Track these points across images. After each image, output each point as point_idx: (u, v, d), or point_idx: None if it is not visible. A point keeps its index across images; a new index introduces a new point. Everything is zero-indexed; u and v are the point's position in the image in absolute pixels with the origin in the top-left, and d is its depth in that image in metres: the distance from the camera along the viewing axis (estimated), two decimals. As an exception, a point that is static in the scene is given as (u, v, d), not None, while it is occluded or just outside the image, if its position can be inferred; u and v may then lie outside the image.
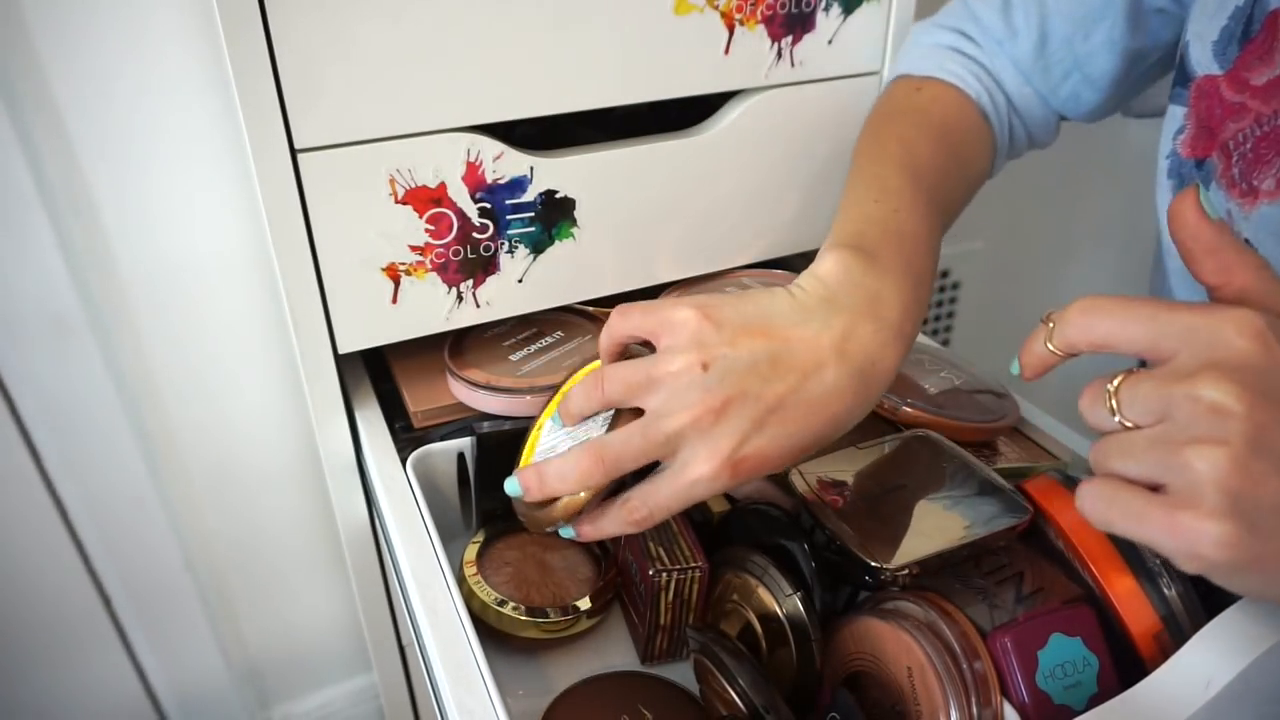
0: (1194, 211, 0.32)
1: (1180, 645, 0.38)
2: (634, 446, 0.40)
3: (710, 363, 0.39)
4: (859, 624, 0.44)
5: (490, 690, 0.41)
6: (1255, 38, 0.40)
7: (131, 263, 0.73)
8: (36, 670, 0.85)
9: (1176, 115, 0.46)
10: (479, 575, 0.54)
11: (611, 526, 0.43)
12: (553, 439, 0.47)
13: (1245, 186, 0.41)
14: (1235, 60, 0.42)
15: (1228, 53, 0.42)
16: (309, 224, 0.53)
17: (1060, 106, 0.58)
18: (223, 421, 0.83)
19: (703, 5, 0.58)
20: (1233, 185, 0.42)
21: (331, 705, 1.04)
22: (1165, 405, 0.28)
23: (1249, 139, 0.41)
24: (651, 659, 0.53)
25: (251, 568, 0.92)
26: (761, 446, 0.39)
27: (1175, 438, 0.28)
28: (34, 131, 0.65)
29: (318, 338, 0.57)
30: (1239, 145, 0.41)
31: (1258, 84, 0.40)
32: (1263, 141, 0.40)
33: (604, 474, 0.41)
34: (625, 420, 0.42)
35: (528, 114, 0.56)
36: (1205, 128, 0.44)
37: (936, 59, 0.58)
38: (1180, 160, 0.46)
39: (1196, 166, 0.45)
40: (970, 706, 0.39)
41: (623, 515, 0.42)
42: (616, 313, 0.43)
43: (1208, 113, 0.43)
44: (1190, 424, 0.28)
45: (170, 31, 0.65)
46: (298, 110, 0.50)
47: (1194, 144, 0.45)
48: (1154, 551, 0.40)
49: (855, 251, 0.43)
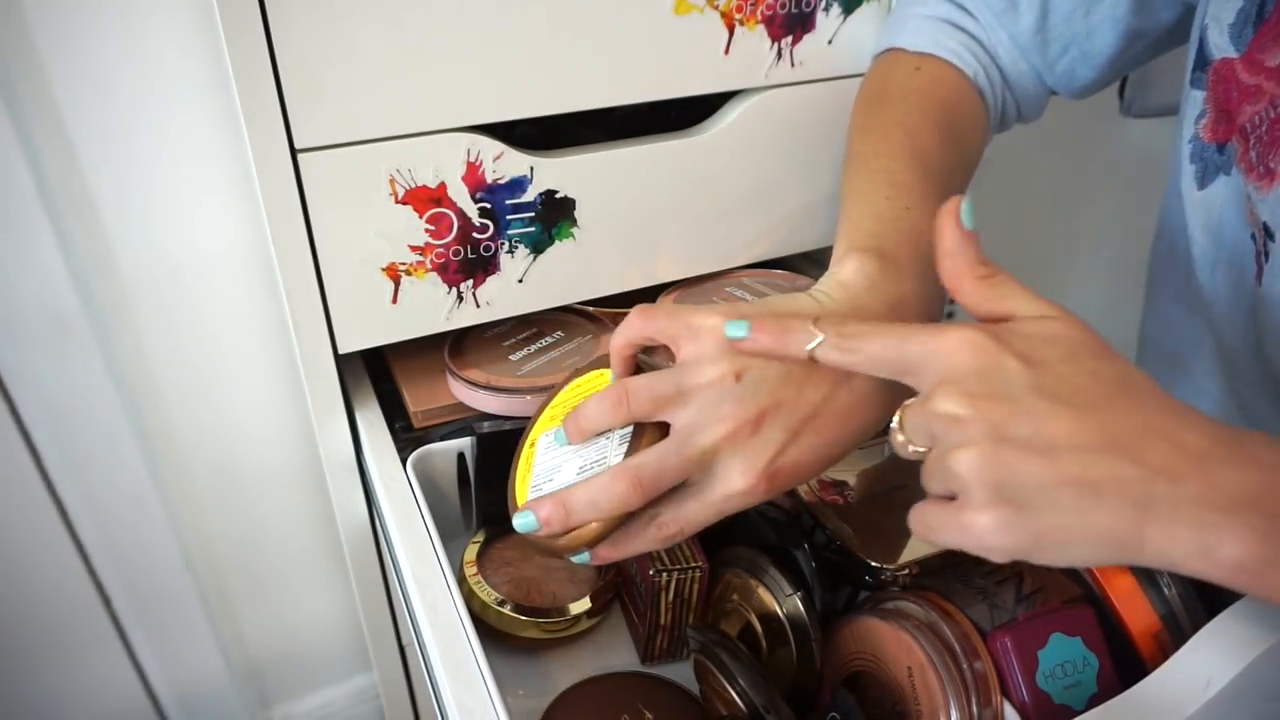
0: (949, 216, 0.35)
1: (1180, 645, 0.38)
2: (671, 465, 0.38)
3: (743, 372, 0.38)
4: (859, 624, 0.44)
5: (490, 690, 0.41)
6: (1270, 18, 0.40)
7: (132, 262, 0.73)
8: (36, 670, 0.84)
9: (1196, 100, 0.46)
10: (479, 575, 0.54)
11: (638, 546, 0.40)
12: (553, 458, 0.43)
13: (1263, 169, 0.41)
14: (1250, 42, 0.42)
15: (1244, 35, 0.42)
16: (309, 224, 0.53)
17: (1054, 83, 0.57)
18: (223, 421, 0.83)
19: (703, 5, 0.58)
20: (1250, 169, 0.42)
21: (331, 705, 1.04)
22: (928, 427, 0.32)
23: (1265, 121, 0.41)
24: (652, 659, 0.53)
25: (252, 567, 0.92)
26: (797, 457, 0.38)
27: (942, 452, 0.31)
28: (34, 132, 0.65)
29: (318, 338, 0.57)
30: (1255, 128, 0.41)
31: (1272, 65, 0.40)
32: (1278, 123, 0.40)
33: (642, 497, 0.37)
34: (650, 435, 0.39)
35: (528, 114, 0.56)
36: (1224, 111, 0.44)
37: (932, 33, 0.56)
38: (1203, 145, 0.46)
39: (1219, 151, 0.45)
40: (970, 706, 0.39)
41: (652, 534, 0.39)
42: (637, 313, 0.41)
43: (1225, 96, 0.43)
44: (945, 437, 0.31)
45: (171, 32, 0.65)
46: (298, 110, 0.50)
47: (1214, 128, 0.45)
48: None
49: (875, 255, 0.43)
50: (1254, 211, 0.42)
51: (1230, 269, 0.46)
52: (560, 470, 0.42)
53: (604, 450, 0.41)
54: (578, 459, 0.41)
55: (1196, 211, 0.47)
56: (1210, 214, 0.46)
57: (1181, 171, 0.48)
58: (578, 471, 0.41)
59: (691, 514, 0.39)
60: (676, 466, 0.38)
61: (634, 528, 0.40)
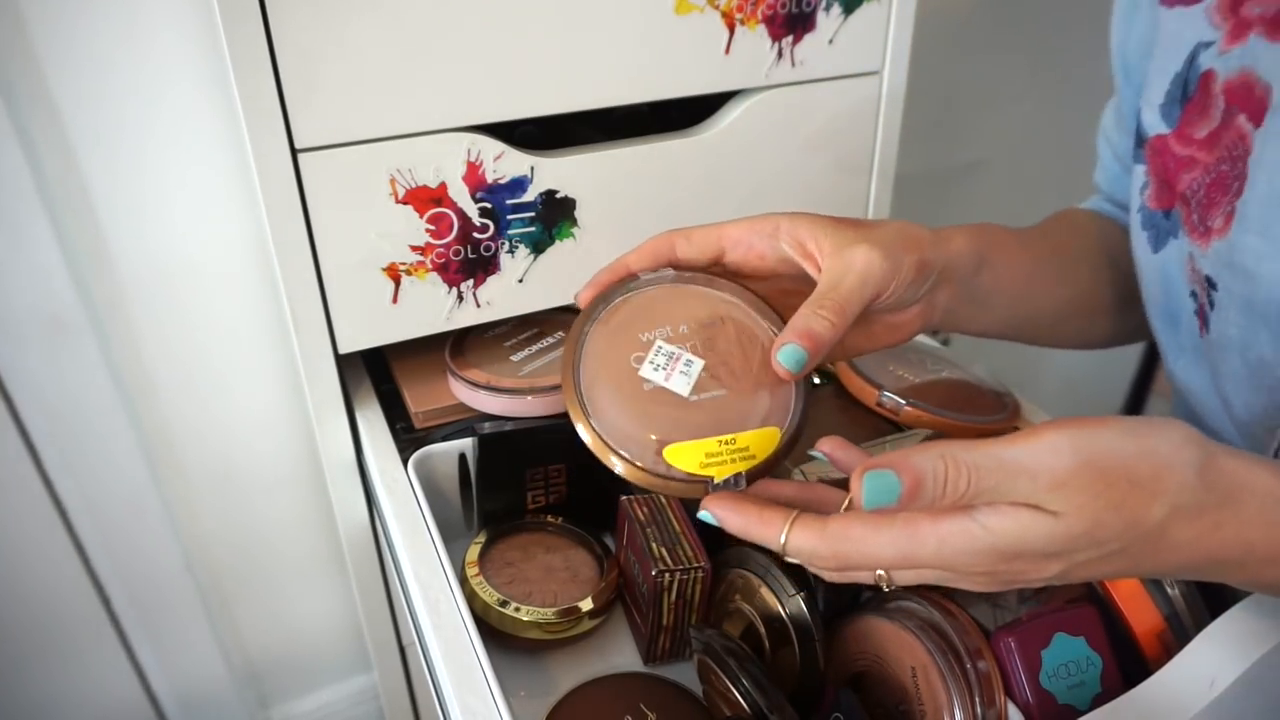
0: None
1: (1183, 644, 0.38)
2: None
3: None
4: (862, 624, 0.44)
5: (494, 691, 0.41)
6: (1194, 98, 0.45)
7: (131, 262, 0.72)
8: (36, 672, 0.84)
9: (1140, 174, 0.50)
10: (481, 576, 0.54)
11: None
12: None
13: (1203, 229, 0.45)
14: (1179, 119, 0.46)
15: (1173, 113, 0.47)
16: (309, 224, 0.53)
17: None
18: (223, 421, 0.83)
19: (703, 5, 0.58)
20: (1193, 230, 0.46)
21: (331, 706, 1.04)
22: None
23: (1201, 186, 0.45)
24: (654, 659, 0.53)
25: (252, 568, 0.92)
26: None
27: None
28: (32, 130, 0.65)
29: (318, 338, 0.57)
30: (1194, 194, 0.45)
31: (1200, 137, 0.45)
32: (1213, 187, 0.44)
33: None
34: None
35: (528, 114, 0.56)
36: (1164, 182, 0.48)
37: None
38: (1150, 213, 0.50)
39: (1165, 217, 0.48)
40: (974, 706, 0.39)
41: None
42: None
43: (1164, 168, 0.48)
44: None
45: (170, 31, 0.65)
46: (298, 110, 0.50)
47: (1159, 197, 0.49)
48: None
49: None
50: (1195, 269, 0.46)
51: (1185, 322, 0.49)
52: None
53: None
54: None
55: (1154, 274, 0.50)
56: (1164, 275, 0.49)
57: (1136, 238, 0.51)
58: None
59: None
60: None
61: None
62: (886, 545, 0.32)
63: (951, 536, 0.31)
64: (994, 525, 0.30)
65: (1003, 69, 1.07)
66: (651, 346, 0.41)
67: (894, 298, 0.42)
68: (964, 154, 1.13)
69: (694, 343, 0.41)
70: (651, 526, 0.51)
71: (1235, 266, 0.43)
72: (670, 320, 0.42)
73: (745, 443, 0.39)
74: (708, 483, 0.38)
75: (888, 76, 0.67)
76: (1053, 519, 0.30)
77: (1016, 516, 0.30)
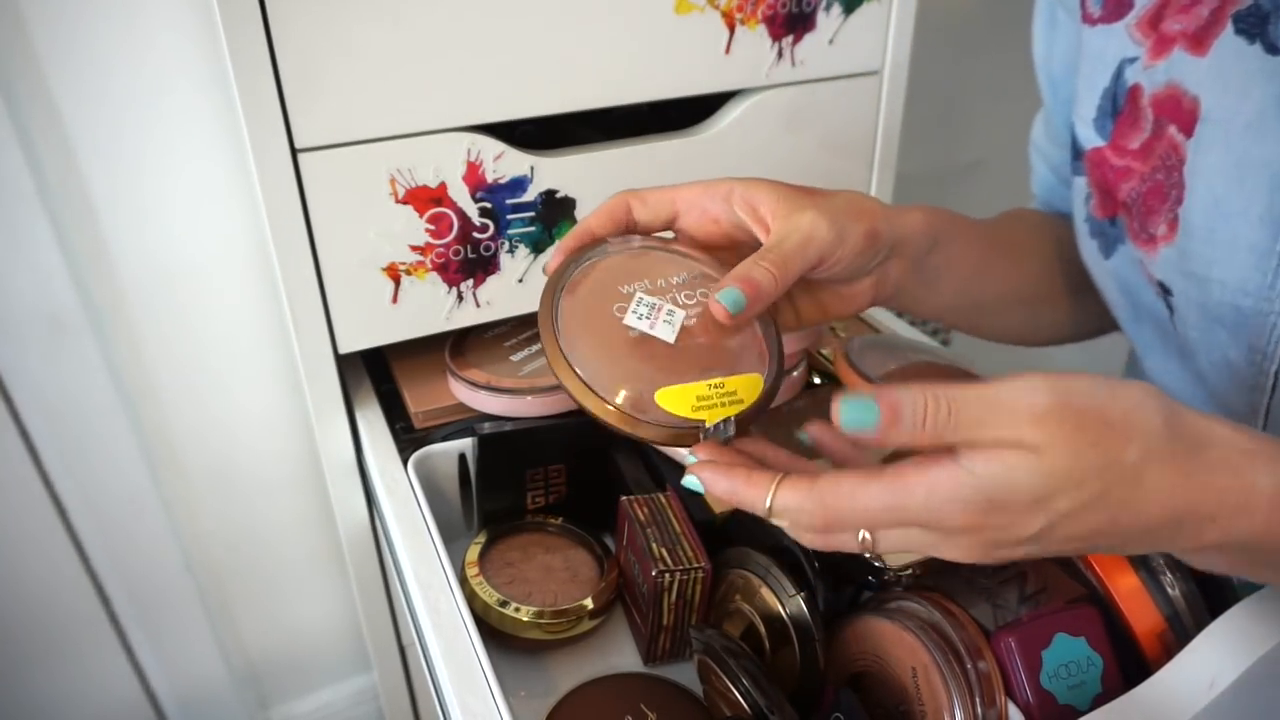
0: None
1: (1184, 644, 0.38)
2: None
3: None
4: (862, 624, 0.44)
5: (494, 691, 0.41)
6: (1124, 111, 0.46)
7: (130, 262, 0.72)
8: (35, 672, 0.84)
9: (1081, 185, 0.51)
10: (481, 576, 0.54)
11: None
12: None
13: (1146, 236, 0.46)
14: (1112, 132, 0.47)
15: (1105, 127, 0.48)
16: (309, 224, 0.53)
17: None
18: (223, 421, 0.83)
19: (703, 5, 0.58)
20: (1137, 237, 0.47)
21: (331, 706, 1.04)
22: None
23: (1139, 194, 0.46)
24: (654, 660, 0.53)
25: (251, 568, 0.92)
26: None
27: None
28: (32, 131, 0.65)
29: (318, 338, 0.57)
30: (1135, 202, 0.46)
31: (1134, 148, 0.46)
32: (1150, 195, 0.45)
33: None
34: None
35: (528, 114, 0.56)
36: (1106, 191, 0.49)
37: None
38: (1097, 222, 0.50)
39: (1111, 224, 0.49)
40: (975, 706, 0.39)
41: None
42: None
43: (1103, 179, 0.48)
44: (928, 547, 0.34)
45: (170, 32, 0.65)
46: (298, 110, 0.50)
47: (1102, 206, 0.50)
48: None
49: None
50: (1149, 273, 0.47)
51: (1152, 320, 0.50)
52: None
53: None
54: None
55: (1108, 279, 0.51)
56: (1120, 279, 0.50)
57: (1086, 246, 0.52)
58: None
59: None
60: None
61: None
62: (875, 497, 0.32)
63: (939, 485, 0.31)
64: (980, 469, 0.31)
65: (1003, 69, 1.07)
66: (633, 298, 0.41)
67: (841, 266, 0.42)
68: (964, 154, 1.13)
69: (672, 295, 0.42)
70: (652, 527, 0.51)
71: (1188, 274, 0.44)
72: (648, 276, 0.43)
73: (733, 387, 0.39)
74: (699, 427, 0.38)
75: (888, 76, 0.67)
76: (1035, 456, 0.30)
77: (1001, 458, 0.31)
